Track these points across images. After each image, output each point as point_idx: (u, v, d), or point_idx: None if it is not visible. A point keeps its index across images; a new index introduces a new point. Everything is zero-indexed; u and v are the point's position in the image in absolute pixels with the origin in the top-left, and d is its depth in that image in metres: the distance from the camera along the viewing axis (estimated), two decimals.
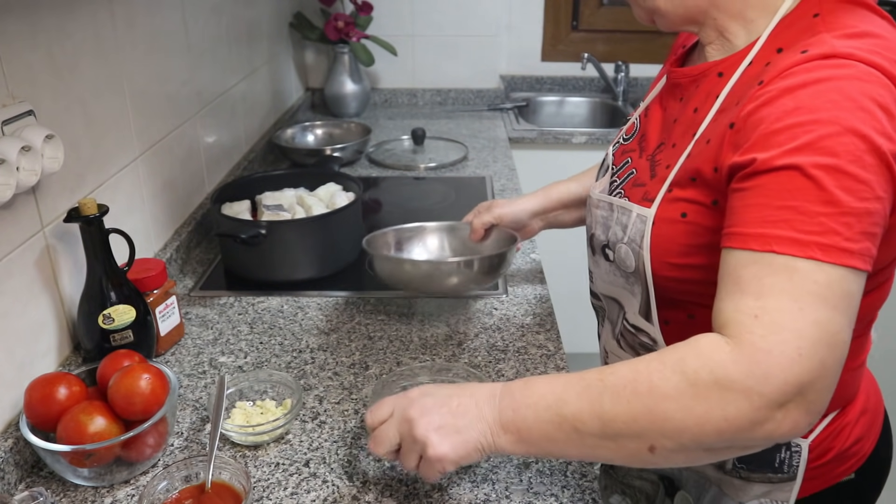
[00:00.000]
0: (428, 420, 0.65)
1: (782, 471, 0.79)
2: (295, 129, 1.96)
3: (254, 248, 1.17)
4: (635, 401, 0.58)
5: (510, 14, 2.50)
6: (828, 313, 0.55)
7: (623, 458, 0.62)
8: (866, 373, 0.86)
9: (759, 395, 0.54)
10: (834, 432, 0.80)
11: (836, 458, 0.81)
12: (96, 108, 1.01)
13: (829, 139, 0.57)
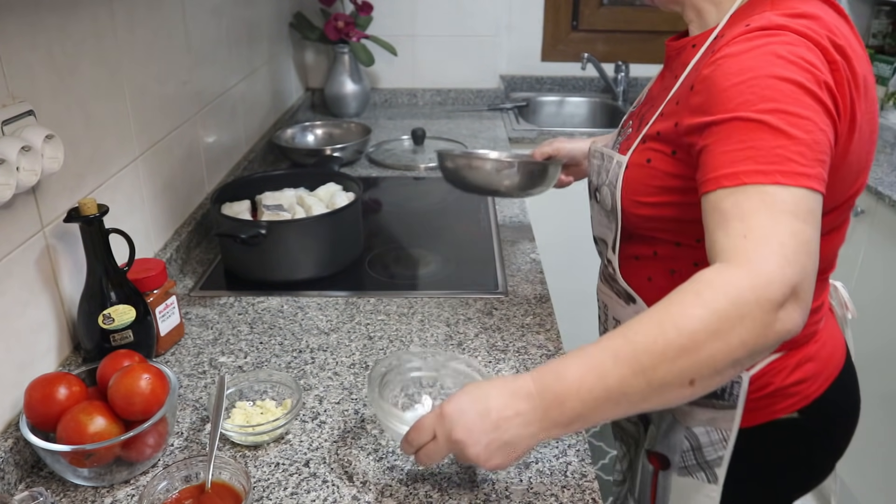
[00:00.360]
0: (475, 440, 0.68)
1: (724, 398, 0.87)
2: (295, 129, 1.96)
3: (254, 248, 1.17)
4: (671, 347, 0.63)
5: (510, 14, 2.50)
6: (800, 225, 0.65)
7: (666, 402, 0.67)
8: (826, 326, 0.93)
9: (766, 301, 0.62)
10: (774, 370, 0.88)
11: (774, 394, 0.88)
12: (96, 108, 1.01)
13: (768, 89, 0.68)
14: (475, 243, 1.39)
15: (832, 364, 0.93)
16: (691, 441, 0.93)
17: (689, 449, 0.93)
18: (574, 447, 0.83)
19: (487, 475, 0.79)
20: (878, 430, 1.71)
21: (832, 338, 0.94)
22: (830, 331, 0.94)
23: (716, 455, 0.91)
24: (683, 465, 0.94)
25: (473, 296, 1.18)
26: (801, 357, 0.89)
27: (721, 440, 0.90)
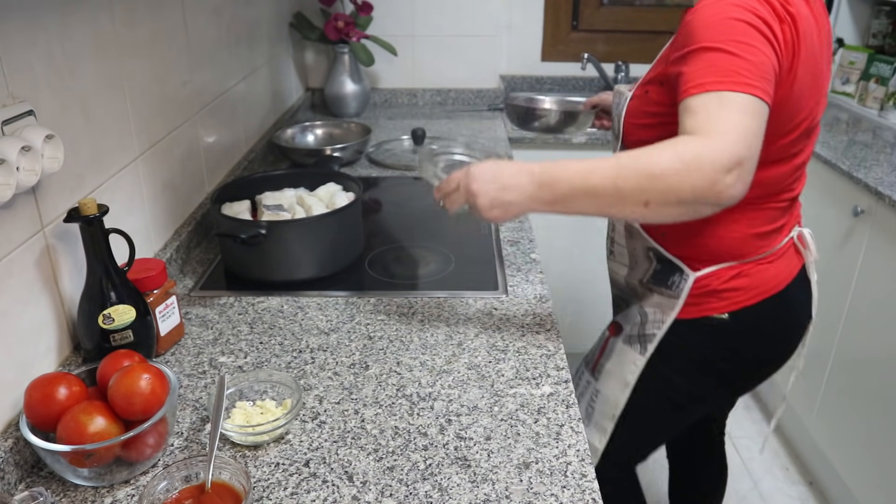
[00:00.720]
0: (484, 193, 0.94)
1: (672, 289, 1.12)
2: (295, 129, 1.96)
3: (254, 248, 1.17)
4: (641, 171, 0.86)
5: (510, 14, 2.50)
6: (748, 119, 0.86)
7: (623, 213, 0.91)
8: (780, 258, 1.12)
9: (718, 163, 0.82)
10: (715, 275, 1.09)
11: (710, 294, 1.10)
12: (96, 108, 1.01)
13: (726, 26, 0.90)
14: (475, 243, 1.39)
15: (767, 287, 1.11)
16: (641, 317, 1.17)
17: (638, 323, 1.17)
18: (574, 447, 0.84)
19: (487, 476, 0.79)
20: (878, 429, 1.71)
21: (778, 268, 1.12)
22: (780, 263, 1.12)
23: (652, 331, 1.15)
24: (628, 335, 1.19)
25: (473, 296, 1.18)
26: (740, 271, 1.09)
27: (660, 321, 1.14)
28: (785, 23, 0.93)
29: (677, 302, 1.11)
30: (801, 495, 2.05)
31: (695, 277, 1.09)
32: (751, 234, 1.08)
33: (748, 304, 1.10)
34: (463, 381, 0.96)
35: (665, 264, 1.13)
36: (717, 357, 1.15)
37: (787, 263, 1.13)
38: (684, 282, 1.10)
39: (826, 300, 1.94)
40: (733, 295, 1.10)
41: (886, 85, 2.26)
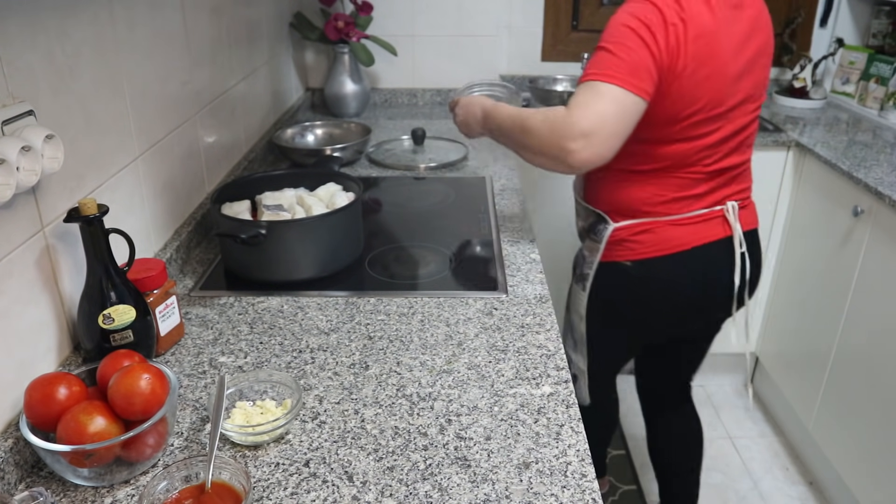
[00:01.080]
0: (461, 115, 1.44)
1: (597, 236, 1.38)
2: (295, 129, 1.96)
3: (254, 248, 1.17)
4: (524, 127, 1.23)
5: (510, 14, 2.50)
6: (606, 105, 1.12)
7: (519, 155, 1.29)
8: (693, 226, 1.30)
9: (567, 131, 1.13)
10: (627, 228, 1.33)
11: (620, 243, 1.35)
12: (96, 108, 1.01)
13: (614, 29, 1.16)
14: (475, 243, 1.39)
15: (670, 245, 1.31)
16: (581, 259, 1.45)
17: (581, 265, 1.45)
18: (574, 447, 0.84)
19: (487, 476, 0.79)
20: (878, 429, 1.71)
21: (688, 231, 1.31)
22: (694, 228, 1.31)
23: (587, 271, 1.43)
24: (577, 276, 1.47)
25: (473, 296, 1.18)
26: (648, 227, 1.31)
27: (591, 262, 1.41)
28: (671, 27, 1.13)
29: (600, 247, 1.38)
30: (801, 495, 2.05)
31: (613, 227, 1.35)
32: (661, 197, 1.29)
33: (648, 256, 1.33)
34: (463, 381, 0.96)
35: (596, 216, 1.39)
36: (623, 297, 1.41)
37: (702, 229, 1.31)
38: (605, 230, 1.36)
39: (826, 300, 1.95)
40: (636, 247, 1.33)
41: (886, 85, 2.26)
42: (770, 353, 2.34)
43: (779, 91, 2.55)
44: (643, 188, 1.29)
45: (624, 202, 1.32)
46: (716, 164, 1.27)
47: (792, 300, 2.17)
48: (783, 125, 2.22)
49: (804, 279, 2.09)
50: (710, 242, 1.31)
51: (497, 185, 1.70)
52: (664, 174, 1.27)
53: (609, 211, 1.35)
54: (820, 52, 2.55)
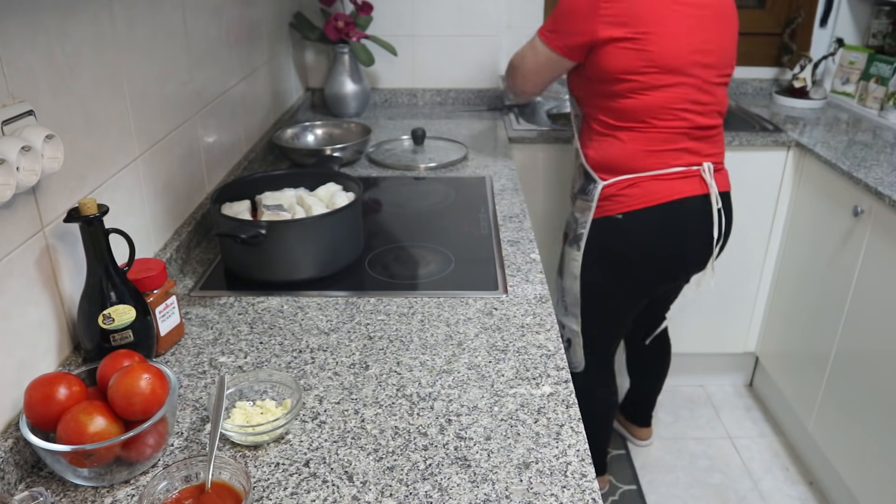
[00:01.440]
0: None
1: (588, 195, 1.57)
2: (295, 129, 1.96)
3: (254, 248, 1.17)
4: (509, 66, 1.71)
5: (510, 14, 2.50)
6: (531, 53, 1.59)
7: None
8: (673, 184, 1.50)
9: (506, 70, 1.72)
10: (615, 184, 1.52)
11: (611, 198, 1.53)
12: (96, 108, 1.01)
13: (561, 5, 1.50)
14: (475, 243, 1.39)
15: (655, 197, 1.50)
16: (574, 222, 1.62)
17: (574, 228, 1.62)
18: (574, 447, 0.84)
19: (487, 476, 0.79)
20: (878, 429, 1.71)
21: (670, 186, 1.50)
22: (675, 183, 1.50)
23: (580, 231, 1.60)
24: (570, 239, 1.64)
25: (473, 296, 1.18)
26: (634, 182, 1.51)
27: (584, 222, 1.58)
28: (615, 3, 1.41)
29: (591, 205, 1.55)
30: (801, 495, 2.05)
31: (602, 185, 1.53)
32: (642, 153, 1.49)
33: (637, 207, 1.51)
34: (463, 381, 0.96)
35: (587, 178, 1.58)
36: (618, 248, 1.57)
37: (682, 185, 1.51)
38: (595, 189, 1.54)
39: (826, 300, 1.95)
40: (626, 200, 1.52)
41: (886, 85, 2.26)
42: (770, 353, 2.34)
43: (779, 91, 2.55)
44: (627, 145, 1.50)
45: (611, 160, 1.53)
46: (686, 121, 1.48)
47: (792, 300, 2.17)
48: (783, 125, 2.22)
49: (804, 279, 2.09)
50: (690, 197, 1.51)
51: (497, 185, 1.70)
52: (638, 130, 1.49)
53: (598, 169, 1.55)
54: (820, 52, 2.55)
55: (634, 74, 1.44)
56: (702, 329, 2.36)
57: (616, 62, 1.44)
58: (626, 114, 1.49)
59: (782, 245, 2.22)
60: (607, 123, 1.53)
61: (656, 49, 1.42)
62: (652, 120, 1.48)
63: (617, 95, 1.48)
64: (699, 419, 2.36)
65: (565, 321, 1.73)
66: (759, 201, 2.17)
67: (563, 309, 1.72)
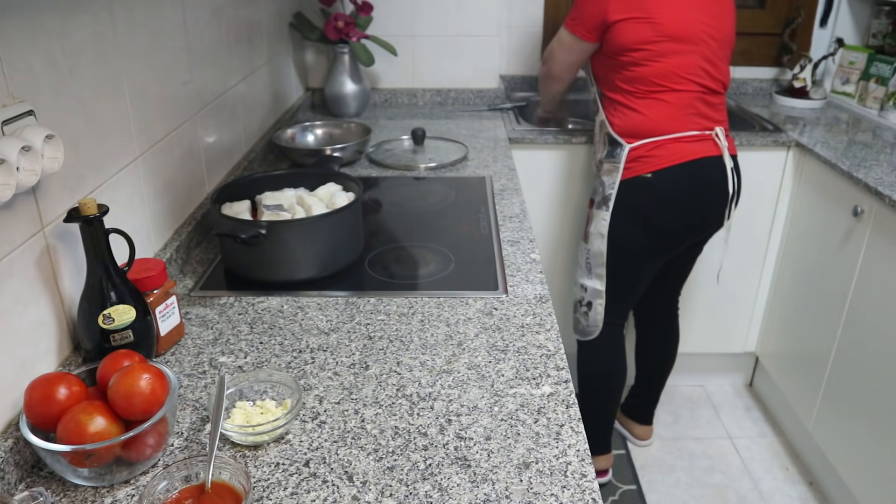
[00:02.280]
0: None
1: (616, 159, 1.73)
2: (295, 129, 1.96)
3: (254, 248, 1.17)
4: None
5: (510, 14, 2.50)
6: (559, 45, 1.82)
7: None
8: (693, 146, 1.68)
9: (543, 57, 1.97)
10: (642, 147, 1.68)
11: (639, 159, 1.69)
12: (96, 108, 1.01)
13: None
14: (475, 243, 1.39)
15: (679, 156, 1.67)
16: (601, 185, 1.77)
17: (601, 191, 1.77)
18: (574, 447, 0.84)
19: (487, 476, 0.79)
20: (878, 429, 1.71)
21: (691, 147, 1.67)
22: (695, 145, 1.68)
23: (609, 192, 1.75)
24: (597, 202, 1.78)
25: (473, 296, 1.18)
26: (659, 144, 1.67)
27: (612, 183, 1.73)
28: None
29: (619, 166, 1.71)
30: (801, 495, 2.05)
31: (629, 148, 1.69)
32: (660, 116, 1.66)
33: (664, 166, 1.67)
34: (463, 381, 0.96)
35: (613, 144, 1.73)
36: (647, 206, 1.71)
37: (701, 146, 1.68)
38: (622, 152, 1.71)
39: (826, 300, 1.95)
40: (653, 160, 1.67)
41: (886, 85, 2.26)
42: (770, 353, 2.34)
43: (779, 91, 2.55)
44: (647, 112, 1.67)
45: (635, 126, 1.69)
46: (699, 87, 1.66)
47: (792, 300, 2.17)
48: (783, 125, 2.22)
49: (804, 279, 2.09)
50: (708, 157, 1.68)
51: (497, 185, 1.70)
52: (657, 96, 1.66)
53: (624, 134, 1.71)
54: (820, 52, 2.55)
55: (647, 44, 1.62)
56: (702, 329, 2.36)
57: (629, 36, 1.63)
58: (643, 81, 1.66)
59: (782, 245, 2.22)
60: (628, 93, 1.69)
61: (666, 21, 1.61)
62: (668, 84, 1.65)
63: (632, 64, 1.66)
64: (699, 419, 2.36)
65: (588, 283, 1.87)
66: (759, 201, 2.17)
67: (587, 271, 1.86)
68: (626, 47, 1.65)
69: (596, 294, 1.86)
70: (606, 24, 1.66)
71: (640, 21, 1.62)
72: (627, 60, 1.66)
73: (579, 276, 1.91)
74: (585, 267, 1.87)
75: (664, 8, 1.62)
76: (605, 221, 1.76)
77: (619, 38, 1.65)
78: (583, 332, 1.95)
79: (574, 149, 2.12)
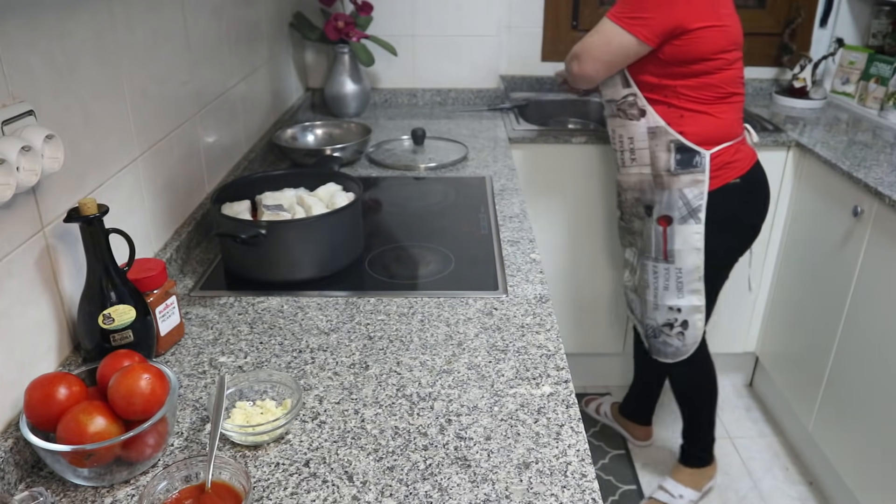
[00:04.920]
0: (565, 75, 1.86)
1: (697, 167, 1.63)
2: (295, 129, 1.96)
3: (254, 248, 1.17)
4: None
5: (510, 14, 2.50)
6: (596, 37, 1.62)
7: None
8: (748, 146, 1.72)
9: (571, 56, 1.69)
10: (724, 152, 1.64)
11: (725, 166, 1.64)
12: (96, 108, 1.01)
13: None
14: (475, 243, 1.39)
15: (750, 159, 1.70)
16: (682, 199, 1.66)
17: (682, 204, 1.67)
18: (574, 447, 0.84)
19: (487, 476, 0.79)
20: (877, 429, 1.71)
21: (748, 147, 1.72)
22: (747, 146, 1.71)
23: (698, 203, 1.65)
24: (681, 217, 1.67)
25: (473, 296, 1.18)
26: (737, 148, 1.66)
27: (700, 193, 1.64)
28: None
29: (705, 177, 1.63)
30: (801, 495, 2.05)
31: (709, 155, 1.62)
32: (732, 120, 1.65)
33: (746, 170, 1.67)
34: (463, 381, 0.96)
35: (685, 152, 1.63)
36: (739, 211, 1.70)
37: (750, 147, 1.73)
38: (703, 159, 1.62)
39: (826, 300, 1.95)
40: (738, 164, 1.66)
41: (886, 85, 2.26)
42: (770, 353, 2.34)
43: (779, 91, 2.55)
44: (722, 116, 1.63)
45: (712, 132, 1.63)
46: (743, 91, 1.67)
47: (792, 300, 2.17)
48: (783, 125, 2.22)
49: (804, 279, 2.08)
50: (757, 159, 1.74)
51: (497, 185, 1.70)
52: (726, 100, 1.62)
53: (700, 142, 1.62)
54: (820, 52, 2.55)
55: (722, 52, 1.57)
56: None
57: (708, 44, 1.55)
58: (714, 88, 1.61)
59: (782, 245, 2.22)
60: (697, 100, 1.61)
61: (733, 27, 1.59)
62: (733, 89, 1.63)
63: (705, 73, 1.58)
64: None
65: (681, 302, 1.76)
66: None
67: (677, 290, 1.75)
68: (703, 56, 1.56)
69: (693, 311, 1.76)
70: (680, 30, 1.53)
71: (716, 29, 1.54)
72: (700, 69, 1.58)
73: (665, 298, 1.77)
74: (676, 287, 1.74)
75: (730, 15, 1.59)
76: (698, 235, 1.67)
77: (696, 47, 1.54)
78: (675, 354, 1.84)
79: (574, 149, 2.12)
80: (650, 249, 1.75)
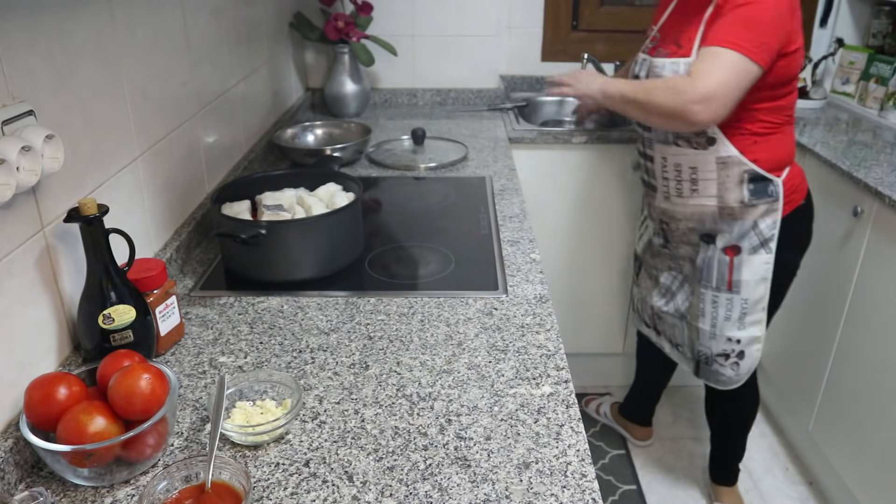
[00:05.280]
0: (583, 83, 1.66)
1: (772, 196, 1.55)
2: (295, 129, 1.96)
3: (254, 248, 1.17)
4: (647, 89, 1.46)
5: (510, 14, 2.50)
6: (727, 74, 1.37)
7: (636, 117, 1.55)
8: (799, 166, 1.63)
9: (690, 94, 1.37)
10: (792, 176, 1.58)
11: (794, 190, 1.58)
12: (96, 108, 1.01)
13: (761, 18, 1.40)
14: (475, 243, 1.39)
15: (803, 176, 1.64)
16: (755, 230, 1.58)
17: (755, 234, 1.58)
18: (574, 447, 0.84)
19: (487, 476, 0.79)
20: (877, 429, 1.71)
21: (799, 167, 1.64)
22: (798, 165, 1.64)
23: (771, 233, 1.57)
24: (751, 247, 1.59)
25: (473, 296, 1.18)
26: (798, 169, 1.61)
27: (773, 223, 1.56)
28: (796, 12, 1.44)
29: (779, 203, 1.55)
30: (801, 495, 2.05)
31: (781, 182, 1.55)
32: (794, 141, 1.61)
33: (806, 190, 1.64)
34: (463, 381, 0.96)
35: (758, 181, 1.54)
36: (805, 232, 1.67)
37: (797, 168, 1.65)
38: (777, 187, 1.54)
39: (826, 300, 1.94)
40: (802, 185, 1.62)
41: (886, 85, 2.26)
42: (770, 352, 2.34)
43: None
44: (787, 139, 1.58)
45: (780, 155, 1.56)
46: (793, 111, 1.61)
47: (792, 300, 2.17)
48: None
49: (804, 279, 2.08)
50: None
51: (497, 185, 1.70)
52: (790, 122, 1.59)
53: (772, 169, 1.54)
54: (820, 52, 2.55)
55: (799, 73, 1.57)
56: None
57: (797, 65, 1.51)
58: (786, 111, 1.56)
59: None
60: (770, 123, 1.53)
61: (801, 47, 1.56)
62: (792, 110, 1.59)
63: (786, 94, 1.53)
64: (699, 419, 2.36)
65: (741, 334, 1.66)
66: None
67: (739, 321, 1.65)
68: (792, 77, 1.49)
69: (752, 341, 1.67)
70: (783, 52, 1.43)
71: (801, 49, 1.49)
72: (785, 91, 1.50)
73: (725, 329, 1.67)
74: (738, 318, 1.65)
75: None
76: (767, 265, 1.58)
77: (791, 68, 1.47)
78: (727, 383, 1.75)
79: (574, 149, 2.12)
80: (710, 279, 1.64)
